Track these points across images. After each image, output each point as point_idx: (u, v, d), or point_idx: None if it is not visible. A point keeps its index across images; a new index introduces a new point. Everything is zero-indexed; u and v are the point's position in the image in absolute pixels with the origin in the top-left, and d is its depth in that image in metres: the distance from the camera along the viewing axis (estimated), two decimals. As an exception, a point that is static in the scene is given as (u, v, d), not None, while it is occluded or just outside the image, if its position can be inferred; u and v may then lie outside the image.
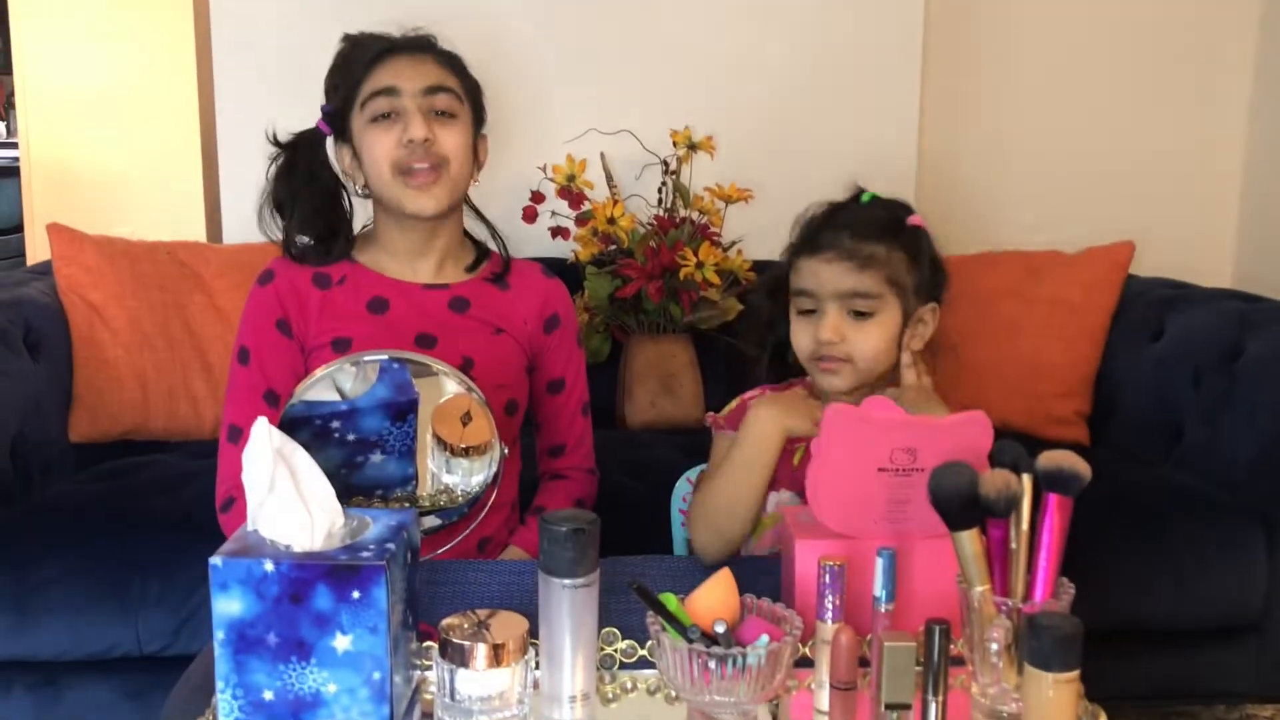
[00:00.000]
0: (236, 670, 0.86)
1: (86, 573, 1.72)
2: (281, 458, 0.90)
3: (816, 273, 1.33)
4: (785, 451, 1.36)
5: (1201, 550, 1.88)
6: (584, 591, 0.91)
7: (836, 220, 1.35)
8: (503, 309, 1.50)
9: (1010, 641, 0.93)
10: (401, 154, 1.40)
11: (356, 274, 1.47)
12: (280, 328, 1.44)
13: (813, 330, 1.33)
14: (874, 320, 1.33)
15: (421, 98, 1.42)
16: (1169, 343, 2.16)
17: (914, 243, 1.36)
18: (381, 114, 1.42)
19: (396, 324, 1.44)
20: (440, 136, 1.42)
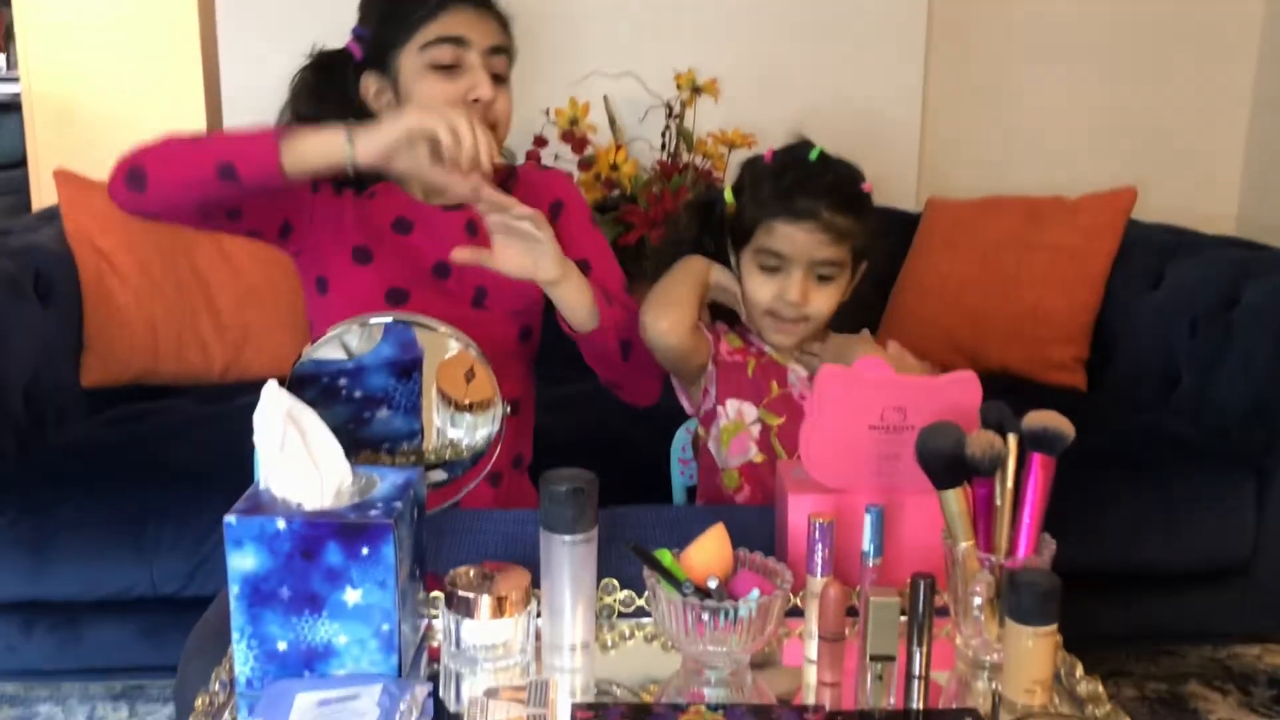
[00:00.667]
0: (251, 622, 0.90)
1: (102, 517, 1.77)
2: (291, 419, 0.93)
3: (792, 238, 1.37)
4: (739, 365, 1.46)
5: (1193, 496, 1.92)
6: (583, 547, 0.95)
7: (811, 186, 1.38)
8: None
9: (992, 595, 0.96)
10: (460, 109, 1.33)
11: (385, 190, 1.45)
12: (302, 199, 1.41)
13: (776, 287, 1.39)
14: (834, 283, 1.41)
15: (487, 56, 1.39)
16: (1168, 290, 2.18)
17: (869, 210, 1.43)
18: (444, 64, 1.37)
19: (416, 248, 1.43)
20: (498, 99, 1.39)
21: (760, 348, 1.47)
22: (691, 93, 2.47)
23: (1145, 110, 2.90)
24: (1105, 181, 2.52)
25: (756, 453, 1.44)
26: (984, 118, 2.88)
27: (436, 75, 1.38)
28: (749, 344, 1.48)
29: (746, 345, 1.47)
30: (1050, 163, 2.86)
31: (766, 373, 1.45)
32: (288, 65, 1.47)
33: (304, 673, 0.91)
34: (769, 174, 1.43)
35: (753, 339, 1.48)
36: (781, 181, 1.40)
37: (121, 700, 2.01)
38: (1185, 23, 2.88)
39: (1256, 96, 2.92)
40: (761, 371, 1.45)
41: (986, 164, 2.87)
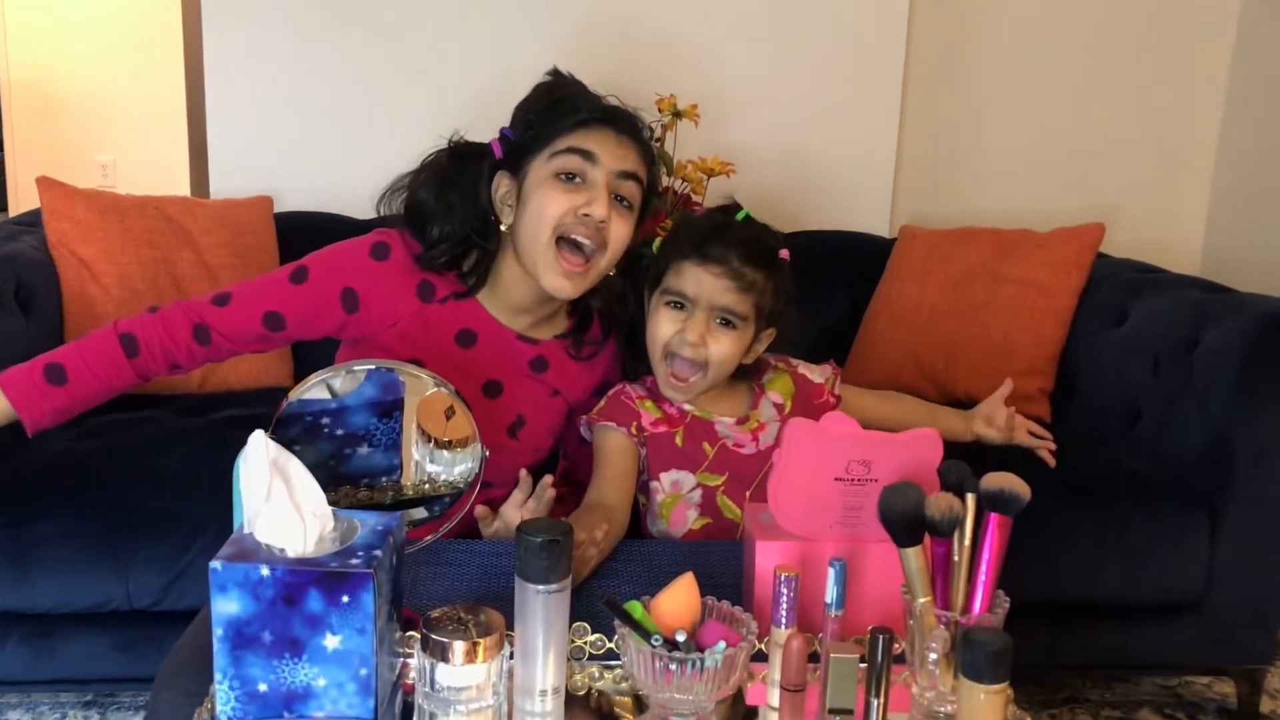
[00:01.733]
0: (233, 664, 0.93)
1: (80, 530, 1.79)
2: (277, 468, 0.96)
3: (699, 281, 1.42)
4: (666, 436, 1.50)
5: (1150, 532, 1.97)
6: (557, 596, 0.98)
7: (726, 236, 1.44)
8: (574, 377, 1.55)
9: (948, 650, 1.01)
10: (570, 221, 1.38)
11: (462, 300, 1.47)
12: (345, 296, 1.43)
13: (678, 324, 1.44)
14: (734, 332, 1.45)
15: (614, 178, 1.39)
16: (1132, 328, 2.23)
17: (782, 275, 1.48)
18: (569, 174, 1.39)
19: (474, 363, 1.46)
20: (614, 223, 1.40)
21: (680, 408, 1.51)
22: (672, 117, 2.50)
23: (1116, 142, 2.96)
24: (1076, 210, 2.58)
25: (697, 518, 1.49)
26: (958, 147, 2.93)
27: (558, 184, 1.39)
28: (668, 412, 1.51)
29: (666, 414, 1.51)
30: (1022, 192, 2.92)
31: (696, 437, 1.50)
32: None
33: (283, 713, 0.95)
34: (691, 223, 1.50)
35: (670, 409, 1.51)
36: (700, 229, 1.46)
37: (93, 708, 2.03)
38: (1156, 57, 2.94)
39: (1224, 131, 2.99)
40: (690, 437, 1.50)
41: (960, 193, 2.93)
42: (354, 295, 1.45)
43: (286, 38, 2.55)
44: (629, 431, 1.49)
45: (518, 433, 1.53)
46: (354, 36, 2.55)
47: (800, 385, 1.59)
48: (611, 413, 1.51)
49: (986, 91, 2.92)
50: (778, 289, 1.47)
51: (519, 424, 1.49)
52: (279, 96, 2.55)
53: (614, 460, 1.49)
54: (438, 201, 1.44)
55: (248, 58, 2.56)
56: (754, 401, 1.55)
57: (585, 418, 1.53)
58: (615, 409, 1.52)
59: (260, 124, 2.57)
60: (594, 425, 1.52)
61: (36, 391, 1.38)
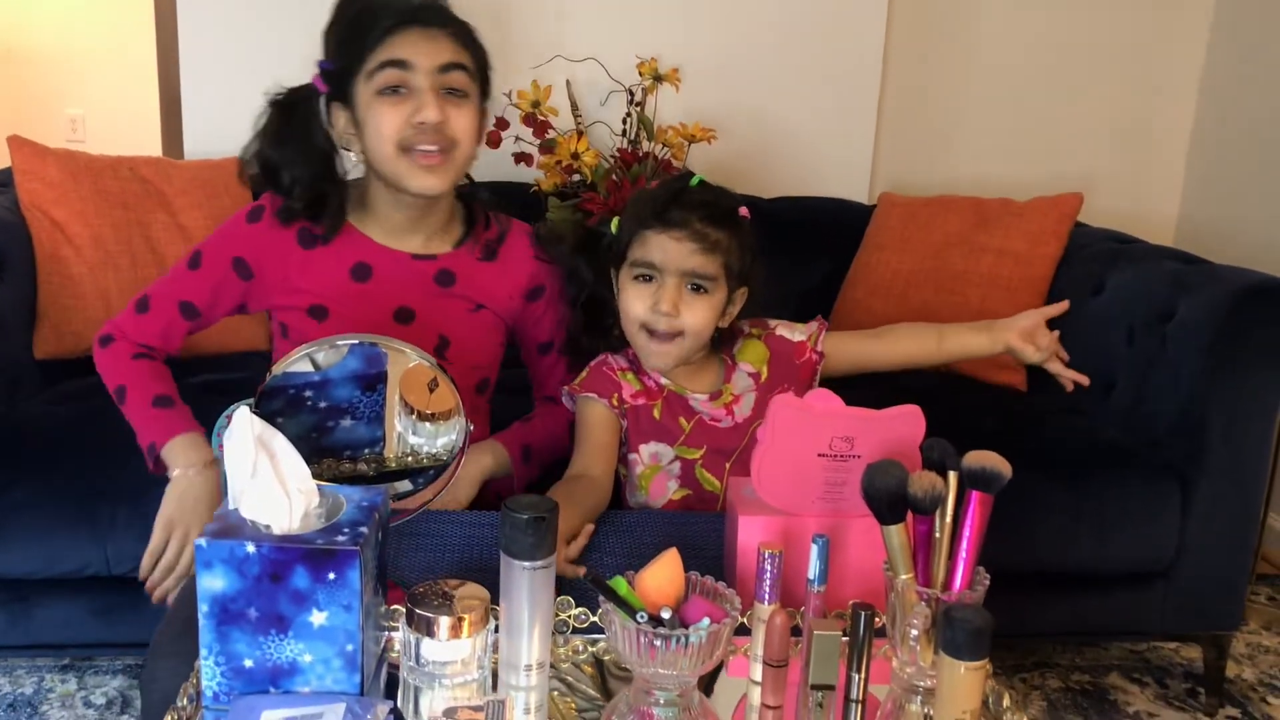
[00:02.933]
0: (219, 640, 0.94)
1: (57, 497, 1.77)
2: (262, 444, 0.96)
3: (664, 248, 1.42)
4: (645, 409, 1.50)
5: (1122, 502, 1.99)
6: (542, 573, 0.99)
7: (685, 200, 1.43)
8: (487, 284, 1.52)
9: (928, 627, 1.02)
10: (409, 133, 1.37)
11: (344, 235, 1.46)
12: (237, 266, 1.45)
13: (650, 298, 1.43)
14: (705, 297, 1.44)
15: (435, 75, 1.37)
16: (1108, 299, 2.25)
17: (744, 233, 1.48)
18: (390, 87, 1.37)
19: (377, 294, 1.44)
20: (452, 117, 1.38)
21: (658, 382, 1.51)
22: (653, 80, 2.48)
23: (1093, 111, 2.97)
24: (1053, 178, 2.59)
25: (677, 489, 1.50)
26: (938, 115, 2.93)
27: (385, 100, 1.38)
28: (646, 385, 1.51)
29: (645, 387, 1.51)
30: (1001, 160, 2.93)
31: (673, 410, 1.50)
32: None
33: (269, 689, 0.95)
34: (648, 195, 1.48)
35: (648, 381, 1.51)
36: (658, 199, 1.45)
37: (70, 671, 2.03)
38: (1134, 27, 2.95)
39: (1200, 102, 3.00)
40: (668, 411, 1.50)
41: (940, 160, 2.93)
42: (243, 263, 1.46)
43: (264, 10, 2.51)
44: (610, 403, 1.49)
45: (445, 353, 1.51)
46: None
47: (776, 348, 1.58)
48: (593, 383, 1.51)
49: (967, 59, 2.91)
50: (743, 246, 1.47)
51: (444, 345, 1.47)
52: (254, 56, 2.51)
53: (596, 432, 1.49)
54: (279, 154, 1.44)
55: (222, 16, 2.52)
56: (726, 375, 1.55)
57: (567, 387, 1.53)
58: (597, 380, 1.52)
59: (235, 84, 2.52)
60: (576, 396, 1.52)
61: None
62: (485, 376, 1.54)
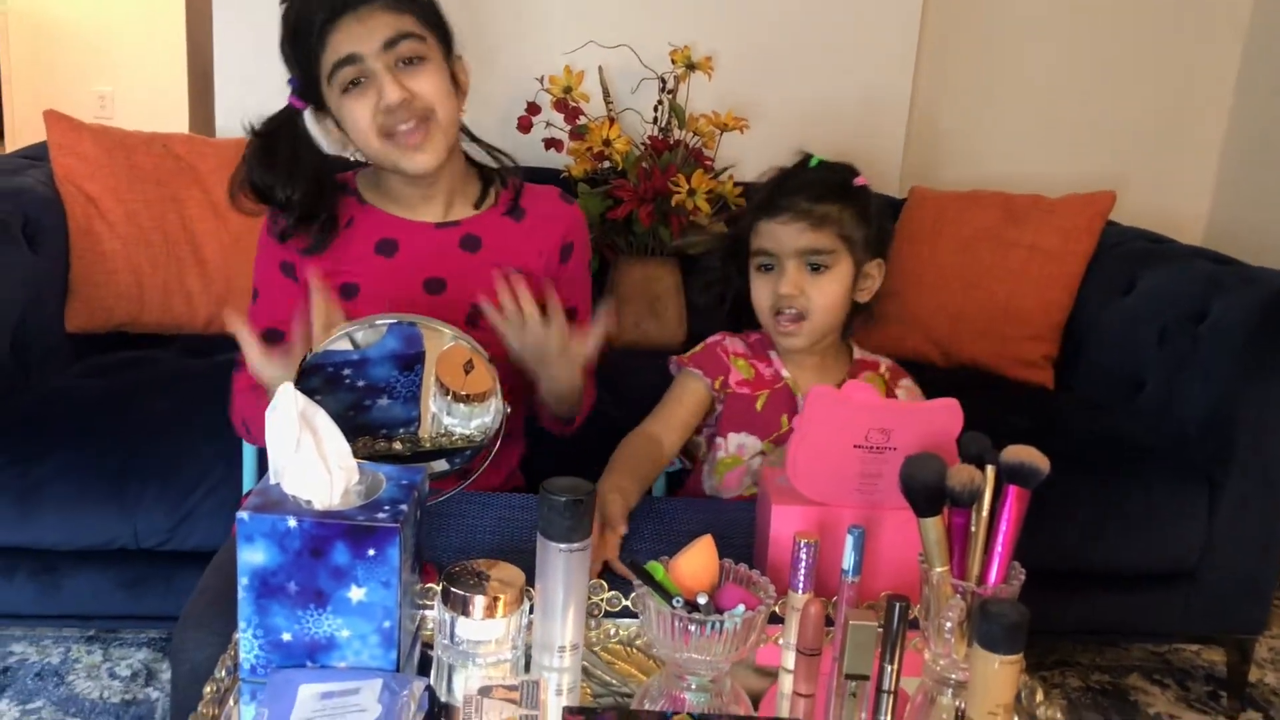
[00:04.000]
0: (258, 614, 0.94)
1: (86, 469, 1.79)
2: (305, 420, 0.96)
3: (775, 233, 1.43)
4: (747, 399, 1.48)
5: (1148, 501, 1.99)
6: (579, 555, 0.99)
7: (790, 184, 1.44)
8: (517, 243, 1.49)
9: (962, 620, 1.02)
10: (383, 119, 1.36)
11: (365, 215, 1.46)
12: (284, 269, 1.46)
13: (772, 285, 1.44)
14: (829, 274, 1.43)
15: (383, 55, 1.35)
16: (1139, 297, 2.24)
17: (862, 201, 1.46)
18: (350, 82, 1.36)
19: (405, 267, 1.44)
20: (416, 88, 1.36)
21: (777, 374, 1.49)
22: (686, 68, 2.48)
23: (1126, 110, 2.95)
24: (1083, 176, 2.57)
25: (750, 485, 1.49)
26: (971, 109, 2.92)
27: (350, 97, 1.37)
28: (759, 373, 1.49)
29: (758, 375, 1.49)
30: (1032, 158, 2.91)
31: (778, 407, 1.48)
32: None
33: (306, 663, 0.95)
34: (760, 186, 1.49)
35: (764, 370, 1.49)
36: (766, 187, 1.47)
37: (95, 643, 2.05)
38: (1171, 25, 2.92)
39: (1235, 102, 2.98)
40: (772, 406, 1.48)
41: (971, 156, 2.91)
42: (288, 265, 1.46)
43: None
44: (712, 385, 1.49)
45: (479, 322, 1.49)
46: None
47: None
48: (703, 361, 1.51)
49: (1001, 55, 2.90)
50: (861, 215, 1.45)
51: (476, 314, 1.44)
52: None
53: (683, 406, 1.50)
54: (270, 177, 1.42)
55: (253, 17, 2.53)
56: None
57: (675, 358, 1.53)
58: (708, 358, 1.51)
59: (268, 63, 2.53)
60: (682, 367, 1.52)
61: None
62: None
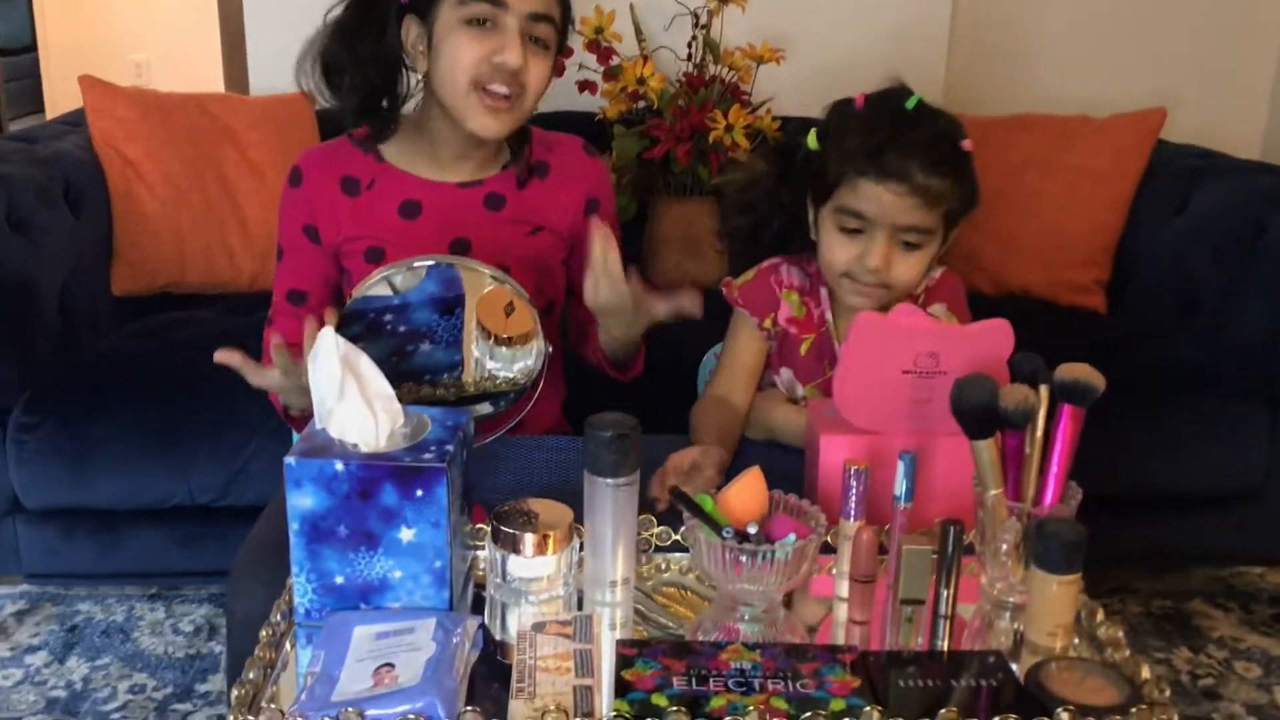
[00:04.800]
0: (310, 558, 0.95)
1: (139, 429, 1.82)
2: (348, 364, 0.96)
3: (879, 199, 1.27)
4: (794, 339, 1.43)
5: (1207, 423, 1.95)
6: (626, 490, 0.99)
7: (904, 141, 1.27)
8: (541, 201, 1.49)
9: (1019, 542, 1.00)
10: (485, 70, 1.33)
11: (386, 176, 1.44)
12: (307, 232, 1.44)
13: (856, 251, 1.31)
14: (921, 251, 1.31)
15: (525, 21, 1.34)
16: (1192, 216, 2.18)
17: (968, 171, 1.33)
18: (479, 19, 1.33)
19: (429, 229, 1.43)
20: (530, 65, 1.35)
21: (822, 317, 1.41)
22: (719, 2, 2.43)
23: (1175, 22, 2.86)
24: (1133, 96, 2.50)
25: None
26: (1013, 29, 2.84)
27: (469, 31, 1.33)
28: (809, 313, 1.42)
29: (807, 315, 1.41)
30: (1078, 78, 2.83)
31: (820, 353, 1.42)
32: None
33: (360, 605, 0.96)
34: (858, 124, 1.31)
35: (813, 309, 1.42)
36: (872, 135, 1.29)
37: (158, 600, 2.09)
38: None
39: (1291, 12, 2.88)
40: (815, 352, 1.42)
41: (1015, 77, 2.84)
42: (310, 229, 1.45)
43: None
44: (760, 323, 1.42)
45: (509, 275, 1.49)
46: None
47: None
48: (753, 294, 1.42)
49: (1043, -29, 2.82)
50: (964, 190, 1.32)
51: (505, 271, 1.46)
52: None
53: (743, 354, 1.44)
54: (345, 55, 1.40)
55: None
56: None
57: (726, 282, 1.46)
58: (758, 290, 1.43)
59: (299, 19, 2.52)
60: (733, 304, 1.45)
61: None
62: (550, 299, 1.52)
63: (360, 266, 1.41)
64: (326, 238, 1.45)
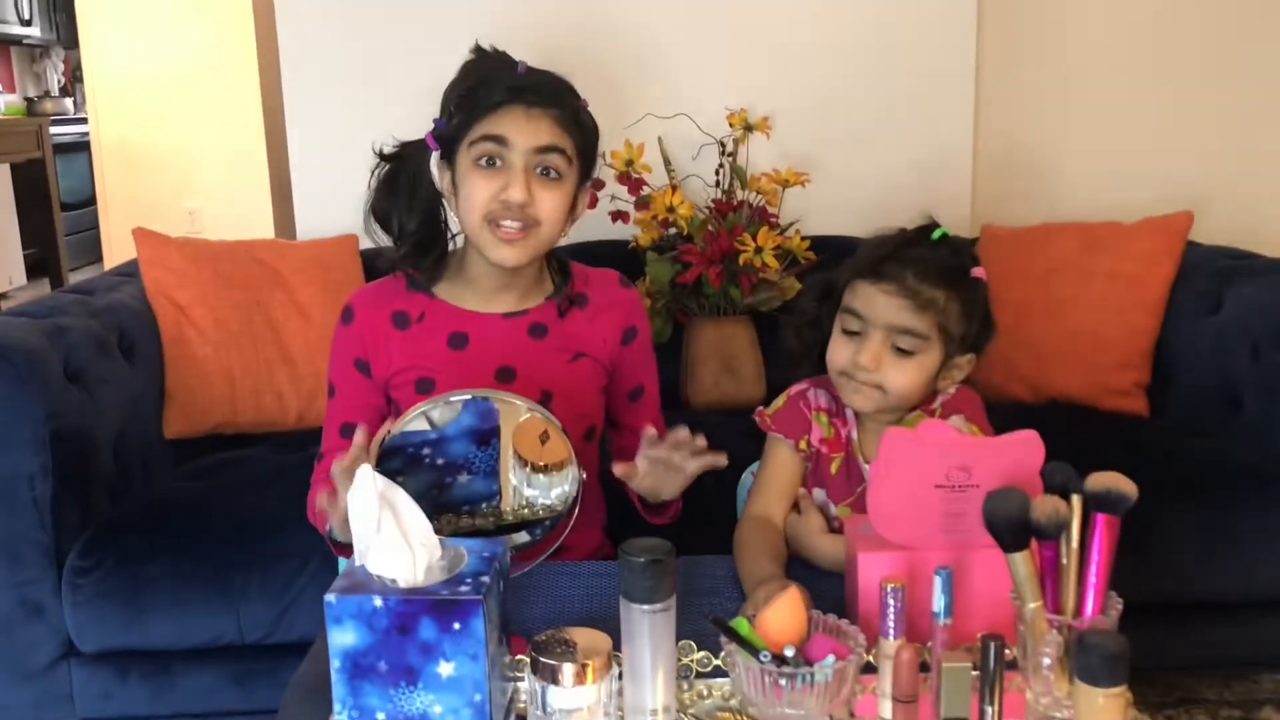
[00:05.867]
0: (352, 694, 0.96)
1: (190, 569, 1.84)
2: (385, 500, 0.99)
3: (871, 300, 1.35)
4: (825, 458, 1.45)
5: (1260, 523, 1.91)
6: (662, 615, 0.99)
7: (904, 255, 1.36)
8: (581, 330, 1.53)
9: (1061, 655, 0.99)
10: (495, 208, 1.40)
11: (435, 309, 1.50)
12: (359, 367, 1.50)
13: (852, 350, 1.37)
14: (914, 359, 1.36)
15: (531, 155, 1.40)
16: (1228, 315, 2.17)
17: (972, 294, 1.38)
18: (487, 159, 1.41)
19: (477, 358, 1.48)
20: (539, 198, 1.41)
21: (849, 436, 1.45)
22: (744, 131, 2.50)
23: (1200, 129, 2.89)
24: (1160, 202, 2.52)
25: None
26: (1036, 144, 2.89)
27: (480, 172, 1.41)
28: (838, 433, 1.46)
29: (835, 435, 1.46)
30: (1104, 187, 2.86)
31: (849, 472, 1.45)
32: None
33: (402, 741, 0.97)
34: (875, 242, 1.42)
35: (841, 430, 1.46)
36: (881, 248, 1.39)
37: (210, 741, 2.08)
38: (1236, 41, 2.87)
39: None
40: (845, 471, 1.45)
41: (1038, 189, 2.88)
42: (362, 364, 1.50)
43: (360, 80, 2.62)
44: (796, 445, 1.46)
45: (549, 405, 1.49)
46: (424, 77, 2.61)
47: None
48: (785, 419, 1.47)
49: (1062, 87, 2.87)
50: (965, 309, 1.37)
51: (546, 398, 1.47)
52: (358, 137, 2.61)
53: (780, 474, 1.46)
54: (390, 201, 1.49)
55: (325, 104, 2.64)
56: None
57: (759, 411, 1.50)
58: (790, 415, 1.47)
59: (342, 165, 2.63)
60: (767, 430, 1.49)
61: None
62: (592, 424, 1.56)
63: (410, 397, 1.45)
64: (377, 372, 1.50)
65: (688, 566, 1.39)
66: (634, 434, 1.63)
